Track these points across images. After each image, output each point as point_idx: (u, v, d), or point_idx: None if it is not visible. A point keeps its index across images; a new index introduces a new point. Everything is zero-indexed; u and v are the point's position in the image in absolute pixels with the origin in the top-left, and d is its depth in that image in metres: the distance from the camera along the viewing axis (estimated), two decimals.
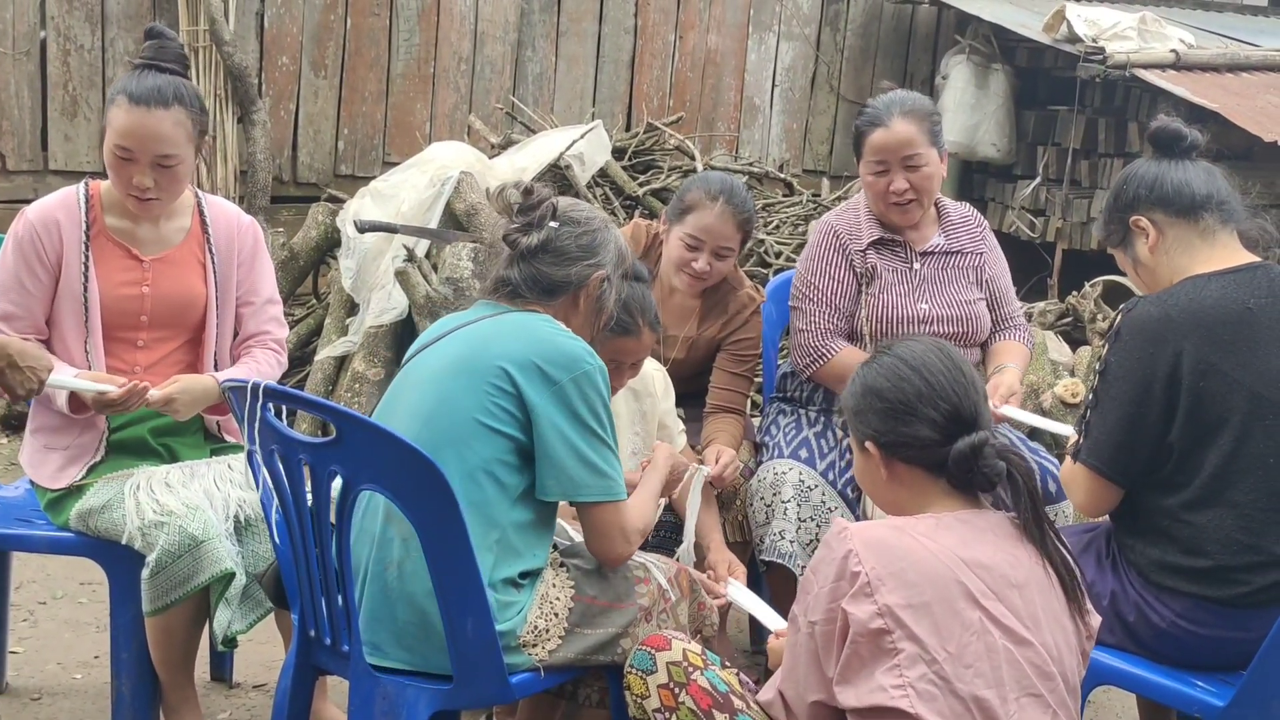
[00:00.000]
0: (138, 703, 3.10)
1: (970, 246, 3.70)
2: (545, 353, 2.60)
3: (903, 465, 2.35)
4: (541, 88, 7.70)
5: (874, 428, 2.36)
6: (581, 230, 2.78)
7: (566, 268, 2.76)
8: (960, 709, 2.14)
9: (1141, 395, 2.73)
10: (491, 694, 2.61)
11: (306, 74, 7.15)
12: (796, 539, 3.42)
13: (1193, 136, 2.94)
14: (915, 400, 2.32)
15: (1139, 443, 2.75)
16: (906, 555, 2.19)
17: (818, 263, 3.64)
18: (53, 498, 3.15)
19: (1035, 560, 2.28)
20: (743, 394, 3.76)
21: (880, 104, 3.57)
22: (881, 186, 3.56)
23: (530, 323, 2.68)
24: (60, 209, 3.18)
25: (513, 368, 2.57)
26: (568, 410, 2.58)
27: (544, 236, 2.75)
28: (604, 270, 2.79)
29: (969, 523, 2.29)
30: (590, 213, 2.84)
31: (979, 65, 8.04)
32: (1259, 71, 7.72)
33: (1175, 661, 2.80)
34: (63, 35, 6.60)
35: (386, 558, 2.59)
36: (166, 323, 3.24)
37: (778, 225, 6.72)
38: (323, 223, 6.00)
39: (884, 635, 2.15)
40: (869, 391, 2.38)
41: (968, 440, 2.28)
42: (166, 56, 3.16)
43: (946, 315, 3.60)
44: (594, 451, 2.60)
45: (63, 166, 6.62)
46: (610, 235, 2.83)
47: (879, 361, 2.41)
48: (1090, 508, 2.89)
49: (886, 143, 3.53)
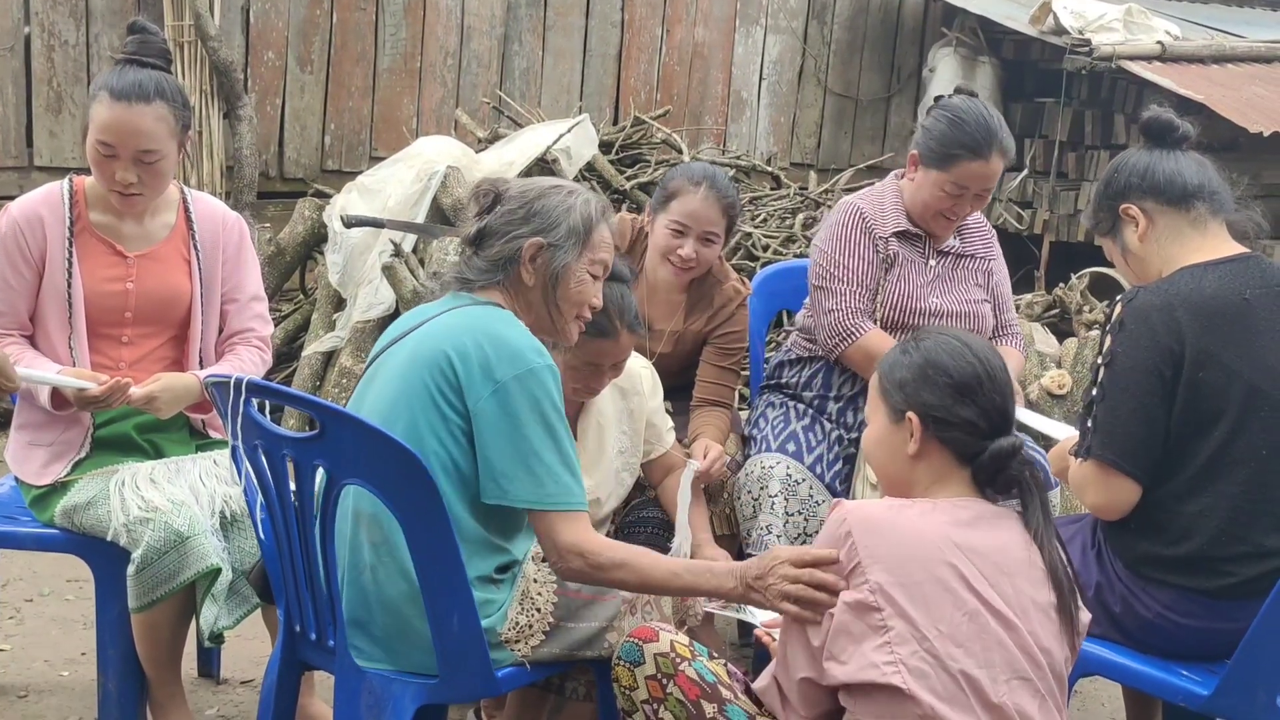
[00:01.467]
0: (125, 699, 3.09)
1: (982, 252, 3.73)
2: (491, 348, 2.52)
3: (939, 445, 2.36)
4: (528, 82, 7.69)
5: (927, 401, 2.36)
6: (516, 205, 2.71)
7: (500, 244, 2.69)
8: (953, 687, 2.17)
9: (1154, 383, 2.70)
10: (477, 688, 2.61)
11: (293, 69, 7.13)
12: (784, 533, 3.42)
13: (1184, 127, 2.94)
14: (976, 385, 2.35)
15: (1154, 433, 2.71)
16: (900, 534, 2.23)
17: (845, 243, 3.60)
18: (37, 494, 3.14)
19: (1030, 554, 2.31)
20: (729, 387, 3.76)
21: (984, 133, 3.47)
22: (947, 205, 3.53)
23: (484, 317, 2.61)
24: (44, 205, 3.16)
25: (458, 362, 2.51)
26: (507, 410, 2.49)
27: (483, 224, 2.71)
28: (538, 238, 2.67)
29: (968, 508, 2.32)
30: (530, 185, 2.75)
31: (966, 58, 8.05)
32: (1245, 63, 7.75)
33: (1161, 652, 2.80)
34: (47, 31, 6.57)
35: (359, 562, 2.57)
36: (151, 319, 3.22)
37: (765, 219, 6.72)
38: (309, 218, 5.98)
39: (874, 612, 2.18)
40: (931, 364, 2.38)
41: (1009, 440, 2.34)
42: (149, 51, 3.15)
43: (955, 311, 3.62)
44: (533, 455, 2.50)
45: (47, 163, 6.59)
46: (558, 202, 2.71)
47: (940, 339, 2.42)
48: (1108, 508, 2.77)
49: (978, 174, 3.48)
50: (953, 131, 3.48)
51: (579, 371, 3.14)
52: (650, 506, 3.49)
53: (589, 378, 3.16)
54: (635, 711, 2.45)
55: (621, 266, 3.17)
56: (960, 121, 3.48)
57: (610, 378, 3.21)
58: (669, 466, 3.46)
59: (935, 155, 3.50)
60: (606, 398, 3.31)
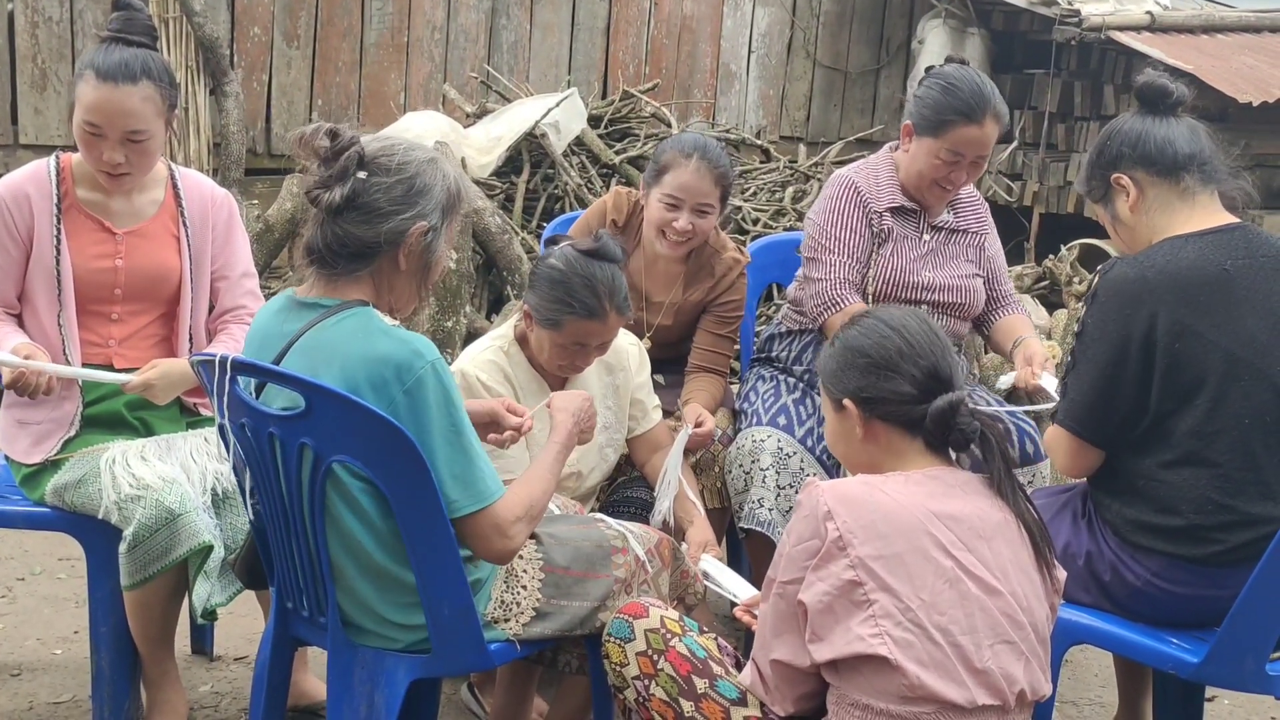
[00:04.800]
0: (117, 677, 3.10)
1: (975, 227, 3.73)
2: (369, 370, 2.39)
3: (880, 423, 2.38)
4: (516, 56, 7.66)
5: (855, 384, 2.39)
6: (395, 180, 2.47)
7: (377, 225, 2.46)
8: (939, 655, 2.18)
9: (1118, 357, 2.73)
10: (469, 661, 2.62)
11: (279, 44, 7.10)
12: (775, 506, 3.43)
13: (1179, 92, 2.93)
14: (897, 357, 2.37)
15: (1114, 404, 2.76)
16: (878, 508, 2.24)
17: (838, 215, 3.60)
18: (28, 473, 3.13)
19: (1004, 515, 2.33)
20: (725, 355, 3.76)
21: (977, 98, 3.45)
22: (943, 174, 3.52)
23: (343, 338, 2.43)
24: (30, 182, 3.15)
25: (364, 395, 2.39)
26: (411, 424, 2.39)
27: (349, 190, 2.44)
28: (425, 221, 2.49)
29: (939, 478, 2.34)
30: (406, 155, 2.50)
31: (955, 29, 8.03)
32: (1234, 33, 7.74)
33: (1150, 620, 2.81)
34: (30, 8, 6.53)
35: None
36: (140, 296, 3.21)
37: (754, 192, 6.71)
38: (297, 194, 5.94)
39: (857, 587, 2.19)
40: (850, 349, 2.42)
41: (946, 398, 2.34)
42: (134, 29, 3.12)
43: (948, 286, 3.62)
44: (449, 461, 2.43)
45: (33, 140, 6.57)
46: (434, 177, 2.51)
47: (859, 324, 2.46)
48: (1071, 470, 2.89)
49: (973, 139, 3.47)
50: (946, 98, 3.47)
51: (565, 349, 3.14)
52: (635, 485, 3.48)
53: (575, 355, 3.16)
54: (626, 688, 2.45)
55: (613, 246, 3.16)
56: (953, 88, 3.47)
57: (596, 356, 3.21)
58: (655, 444, 3.45)
59: (929, 123, 3.50)
60: (592, 374, 3.30)
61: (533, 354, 3.23)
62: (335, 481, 2.46)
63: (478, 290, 5.79)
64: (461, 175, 2.62)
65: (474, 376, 3.17)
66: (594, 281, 3.07)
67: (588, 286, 3.08)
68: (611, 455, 3.42)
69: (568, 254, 3.14)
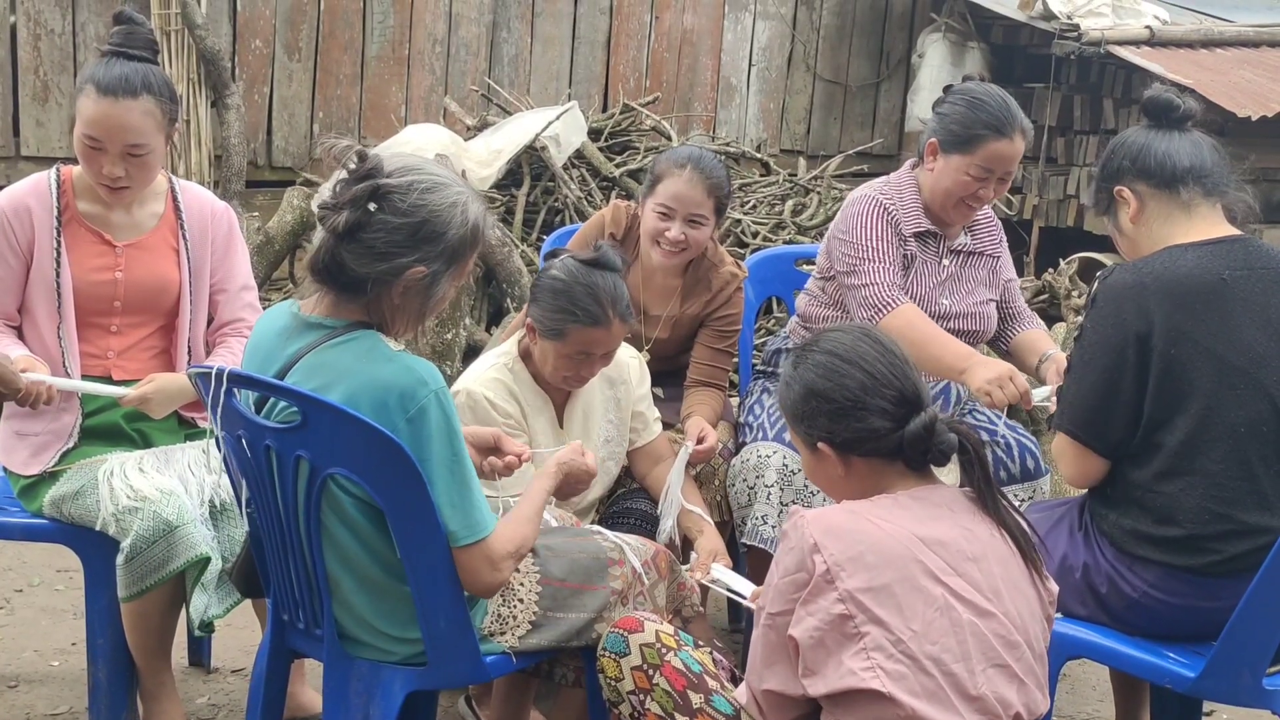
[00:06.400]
0: (115, 689, 3.10)
1: (990, 249, 3.71)
2: (373, 396, 2.38)
3: (859, 459, 2.34)
4: (517, 69, 7.67)
5: (825, 430, 2.35)
6: (402, 221, 2.40)
7: (373, 264, 2.40)
8: (931, 685, 2.16)
9: (1116, 360, 2.73)
10: (466, 674, 2.62)
11: (280, 57, 7.12)
12: (779, 523, 3.40)
13: (1186, 106, 2.93)
14: (861, 394, 2.31)
15: (1113, 408, 2.75)
16: (865, 538, 2.20)
17: (869, 230, 3.51)
18: (26, 484, 3.14)
19: (992, 531, 2.31)
20: (724, 369, 3.75)
21: (1005, 112, 3.43)
22: (971, 190, 3.48)
23: (347, 361, 2.43)
24: (31, 195, 3.16)
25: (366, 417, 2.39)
26: (413, 451, 2.38)
27: (354, 220, 2.39)
28: (425, 266, 2.43)
29: (924, 500, 2.30)
30: (424, 196, 2.42)
31: (955, 43, 8.05)
32: (1233, 47, 7.75)
33: (1147, 633, 2.81)
34: (33, 20, 6.55)
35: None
36: (140, 308, 3.22)
37: (754, 205, 6.72)
38: (298, 207, 5.98)
39: (847, 620, 2.16)
40: (811, 395, 2.36)
41: (919, 420, 2.29)
42: (135, 43, 3.13)
43: (964, 314, 3.60)
44: (447, 490, 2.42)
45: (35, 152, 6.58)
46: (449, 222, 2.44)
47: (811, 360, 2.38)
48: (1076, 478, 2.87)
49: (1003, 154, 3.44)
50: (974, 113, 3.43)
51: (570, 359, 3.14)
52: (636, 498, 3.47)
53: (579, 366, 3.16)
54: (621, 702, 2.44)
55: (613, 255, 3.17)
56: (980, 102, 3.45)
57: (600, 365, 3.21)
58: (656, 456, 3.45)
59: (957, 139, 3.46)
60: (593, 387, 3.31)
61: (537, 369, 3.23)
62: (331, 494, 2.47)
63: (477, 303, 5.80)
64: (484, 215, 2.54)
65: (481, 396, 3.16)
66: (596, 289, 3.08)
67: (590, 294, 3.08)
68: (613, 468, 3.42)
69: (569, 264, 3.15)
